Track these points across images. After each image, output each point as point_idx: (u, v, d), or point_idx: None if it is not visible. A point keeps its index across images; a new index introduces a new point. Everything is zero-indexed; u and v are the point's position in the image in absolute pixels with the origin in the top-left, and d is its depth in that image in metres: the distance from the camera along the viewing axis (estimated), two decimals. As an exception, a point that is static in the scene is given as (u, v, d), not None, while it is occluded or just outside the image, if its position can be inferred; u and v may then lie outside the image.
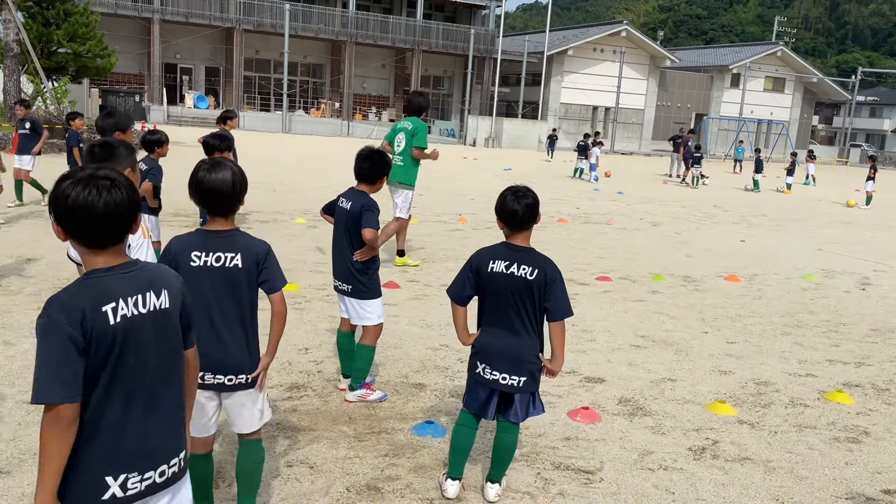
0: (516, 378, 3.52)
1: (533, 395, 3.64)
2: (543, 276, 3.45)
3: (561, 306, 3.48)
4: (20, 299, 6.58)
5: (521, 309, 3.48)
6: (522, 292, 3.46)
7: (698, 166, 25.03)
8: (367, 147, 4.76)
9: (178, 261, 2.96)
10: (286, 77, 42.42)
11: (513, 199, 3.51)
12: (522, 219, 3.51)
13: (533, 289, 3.45)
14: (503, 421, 3.65)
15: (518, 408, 3.60)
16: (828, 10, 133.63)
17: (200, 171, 2.99)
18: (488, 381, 3.56)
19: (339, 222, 4.70)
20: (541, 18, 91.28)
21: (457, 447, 3.69)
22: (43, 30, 24.07)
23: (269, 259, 3.03)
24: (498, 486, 3.72)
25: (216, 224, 3.02)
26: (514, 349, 3.52)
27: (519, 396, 3.59)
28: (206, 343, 2.88)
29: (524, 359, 3.52)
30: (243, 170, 3.13)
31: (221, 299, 2.97)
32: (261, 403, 3.18)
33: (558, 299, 3.47)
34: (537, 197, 3.59)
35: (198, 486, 2.88)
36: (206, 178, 2.95)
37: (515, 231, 3.55)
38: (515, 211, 3.50)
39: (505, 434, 3.65)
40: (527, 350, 3.53)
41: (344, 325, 4.92)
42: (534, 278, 3.45)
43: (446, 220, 13.22)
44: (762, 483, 4.11)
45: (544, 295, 3.46)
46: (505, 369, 3.52)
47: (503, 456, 3.68)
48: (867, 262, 11.72)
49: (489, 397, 3.60)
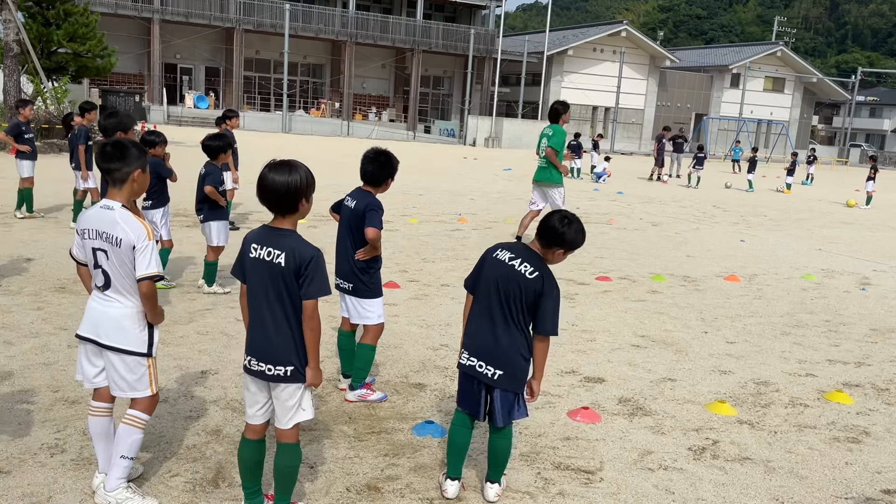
0: (491, 369, 3.52)
1: (517, 396, 3.60)
2: (541, 282, 3.46)
3: (547, 321, 3.47)
4: (20, 299, 6.58)
5: (509, 302, 3.49)
6: (514, 286, 3.48)
7: (700, 167, 25.02)
8: (373, 149, 4.71)
9: (244, 250, 3.21)
10: (286, 77, 42.42)
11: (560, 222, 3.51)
12: (545, 234, 3.53)
13: (524, 287, 3.46)
14: (496, 426, 3.64)
15: (499, 409, 3.56)
16: (828, 10, 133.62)
17: (265, 168, 3.14)
18: (466, 367, 3.59)
19: (344, 220, 4.71)
20: (541, 18, 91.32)
21: (453, 447, 3.70)
22: (43, 30, 24.07)
23: (312, 266, 3.09)
24: (497, 486, 3.72)
25: (275, 221, 3.19)
26: (494, 340, 3.53)
27: (500, 395, 3.55)
28: (257, 330, 3.19)
29: (503, 351, 3.51)
30: (310, 171, 3.20)
31: (269, 292, 3.15)
32: (298, 399, 3.24)
33: (547, 313, 3.46)
34: (579, 231, 3.54)
35: (246, 467, 3.30)
36: (266, 177, 3.11)
37: (545, 247, 3.56)
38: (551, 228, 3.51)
39: (496, 437, 3.65)
40: (506, 344, 3.51)
41: (344, 324, 4.93)
42: (532, 278, 3.46)
43: (446, 220, 13.22)
44: (762, 483, 4.11)
45: (535, 301, 3.46)
46: (482, 357, 3.54)
47: (498, 458, 3.68)
48: (867, 262, 11.72)
49: (478, 394, 3.60)
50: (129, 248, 3.24)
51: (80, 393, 4.62)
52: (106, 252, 3.27)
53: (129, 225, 3.25)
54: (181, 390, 4.82)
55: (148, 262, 3.25)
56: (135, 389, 3.40)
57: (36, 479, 3.61)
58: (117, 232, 3.24)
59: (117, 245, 3.24)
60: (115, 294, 3.32)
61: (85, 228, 3.32)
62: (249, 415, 3.31)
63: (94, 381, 3.47)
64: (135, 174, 3.34)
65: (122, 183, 3.33)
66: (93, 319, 3.37)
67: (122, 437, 3.39)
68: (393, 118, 48.96)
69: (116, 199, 3.33)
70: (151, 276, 3.27)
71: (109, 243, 3.25)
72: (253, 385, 3.26)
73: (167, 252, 7.31)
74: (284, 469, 3.31)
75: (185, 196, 11.40)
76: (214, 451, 4.01)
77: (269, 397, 3.27)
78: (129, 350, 3.35)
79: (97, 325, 3.35)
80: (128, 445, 3.39)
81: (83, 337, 3.40)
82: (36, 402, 4.47)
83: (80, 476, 3.66)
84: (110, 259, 3.27)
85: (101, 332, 3.34)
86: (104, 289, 3.33)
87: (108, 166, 3.31)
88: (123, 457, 3.38)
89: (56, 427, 4.17)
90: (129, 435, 3.39)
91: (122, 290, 3.32)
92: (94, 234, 3.29)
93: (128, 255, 3.25)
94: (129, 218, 3.27)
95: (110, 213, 3.28)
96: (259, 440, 3.34)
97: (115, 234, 3.24)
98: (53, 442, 4.00)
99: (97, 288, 3.37)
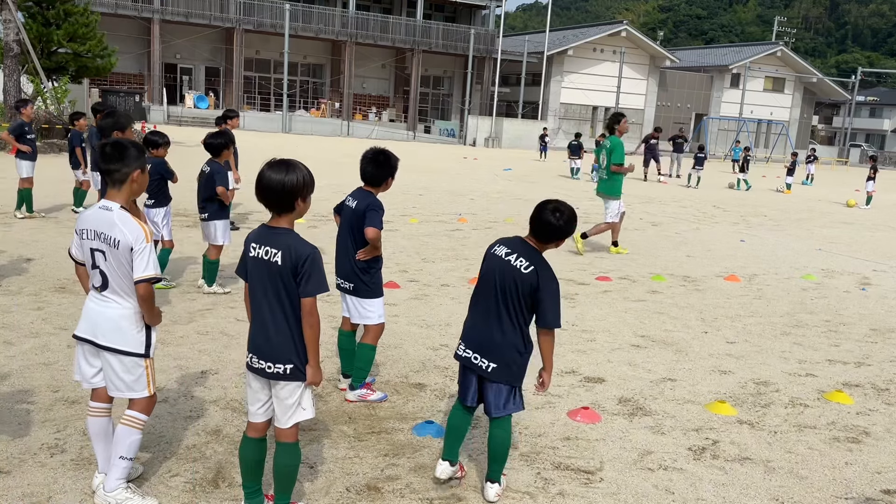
0: (486, 361, 3.58)
1: (514, 389, 3.64)
2: (536, 275, 3.49)
3: (547, 314, 3.50)
4: (20, 299, 6.58)
5: (506, 297, 3.54)
6: (510, 281, 3.53)
7: (699, 167, 25.02)
8: (371, 149, 4.70)
9: (245, 249, 3.25)
10: (286, 77, 42.41)
11: (550, 213, 3.55)
12: (539, 229, 3.58)
13: (520, 282, 3.50)
14: (490, 416, 3.70)
15: (492, 400, 3.61)
16: (828, 10, 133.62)
17: (264, 166, 3.16)
18: (462, 357, 3.66)
19: (345, 220, 4.72)
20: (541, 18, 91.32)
21: (450, 430, 3.77)
22: (43, 30, 24.05)
23: (309, 263, 3.11)
24: (497, 486, 3.73)
25: (273, 220, 3.21)
26: (489, 333, 3.58)
27: (493, 387, 3.60)
28: (257, 328, 3.22)
29: (498, 345, 3.57)
30: (309, 171, 3.22)
31: (268, 290, 3.18)
32: (297, 398, 3.25)
33: (546, 306, 3.50)
34: (571, 220, 3.57)
35: (246, 466, 3.31)
36: (265, 176, 3.13)
37: (532, 234, 3.63)
38: (545, 222, 3.54)
39: (492, 428, 3.69)
40: (502, 337, 3.56)
41: (345, 324, 4.93)
42: (526, 273, 3.50)
43: (446, 220, 13.22)
44: (762, 483, 4.11)
45: (534, 294, 3.50)
46: (477, 350, 3.61)
47: (496, 452, 3.69)
48: (867, 262, 11.72)
49: (470, 383, 3.68)
50: (126, 249, 3.24)
51: (79, 393, 4.62)
52: (104, 253, 3.27)
53: (128, 226, 3.26)
54: (181, 390, 4.82)
55: (146, 264, 3.26)
56: (132, 390, 3.40)
57: (36, 479, 3.62)
58: (115, 233, 3.25)
59: (115, 246, 3.25)
60: (112, 295, 3.33)
61: (83, 229, 3.33)
62: (251, 412, 3.32)
63: (93, 381, 3.47)
64: (134, 174, 3.35)
65: (121, 183, 3.34)
66: (90, 320, 3.37)
67: (121, 438, 3.39)
68: (393, 118, 48.95)
69: (115, 199, 3.34)
70: (149, 279, 3.28)
71: (107, 244, 3.26)
72: (255, 382, 3.28)
73: (168, 252, 7.30)
74: (284, 468, 3.32)
75: (184, 196, 11.40)
76: (214, 451, 4.01)
77: (271, 395, 3.28)
78: (126, 351, 3.35)
79: (95, 325, 3.35)
80: (126, 446, 3.39)
81: (80, 337, 3.40)
82: (36, 402, 4.48)
83: (80, 476, 3.66)
84: (108, 260, 3.28)
85: (99, 333, 3.34)
86: (102, 289, 3.33)
87: (107, 167, 3.32)
88: (122, 457, 3.39)
89: (56, 427, 4.17)
90: (127, 436, 3.40)
91: (119, 292, 3.32)
92: (93, 235, 3.29)
93: (125, 257, 3.25)
94: (127, 219, 3.28)
95: (108, 215, 3.29)
96: (260, 439, 3.35)
97: (112, 236, 3.25)
98: (53, 442, 4.00)
99: (94, 288, 3.37)
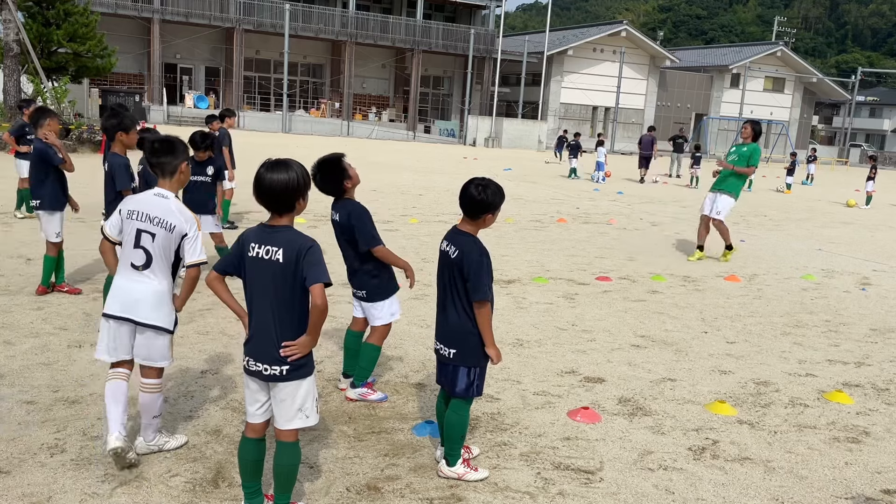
0: (447, 348, 3.80)
1: (473, 374, 3.77)
2: (461, 256, 3.66)
3: (472, 288, 3.64)
4: (20, 299, 6.58)
5: (448, 285, 3.75)
6: (447, 270, 3.74)
7: (698, 166, 25.03)
8: (314, 164, 4.34)
9: (243, 249, 3.25)
10: (286, 77, 42.42)
11: (471, 187, 3.72)
12: (467, 207, 3.72)
13: (452, 268, 3.70)
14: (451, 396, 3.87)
15: (451, 381, 3.80)
16: (828, 10, 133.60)
17: (261, 168, 3.19)
18: (435, 349, 3.88)
19: (338, 237, 4.68)
20: (541, 18, 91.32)
21: (437, 416, 4.05)
22: (43, 30, 24.07)
23: (311, 254, 3.15)
24: (449, 469, 3.86)
25: (272, 220, 3.23)
26: (446, 322, 3.79)
27: (453, 370, 3.80)
28: (254, 330, 3.23)
29: (452, 331, 3.76)
30: (305, 169, 3.27)
31: (268, 290, 3.19)
32: (301, 402, 3.26)
33: (471, 280, 3.64)
34: (496, 192, 3.70)
35: (245, 466, 3.33)
36: (263, 177, 3.16)
37: (465, 217, 3.78)
38: (469, 197, 3.70)
39: (451, 412, 3.85)
40: (455, 323, 3.74)
41: (356, 324, 4.95)
42: (454, 258, 3.69)
43: (446, 220, 13.21)
44: (762, 483, 4.11)
45: (464, 273, 3.65)
46: (440, 339, 3.84)
47: (449, 432, 3.85)
48: (867, 262, 11.72)
49: (443, 371, 3.89)
50: (179, 235, 3.66)
51: (79, 393, 4.62)
52: (153, 235, 3.63)
53: (184, 215, 3.69)
54: (181, 390, 4.82)
55: (198, 250, 3.70)
56: (164, 359, 3.82)
57: (36, 479, 3.61)
58: (173, 219, 3.64)
59: (170, 230, 3.63)
60: (152, 274, 3.67)
61: (134, 210, 3.65)
62: (250, 413, 3.33)
63: (119, 355, 3.76)
64: (182, 166, 3.79)
65: (172, 175, 3.76)
66: (126, 297, 3.67)
67: (151, 404, 3.81)
68: (393, 118, 48.96)
69: (169, 188, 3.75)
70: (199, 263, 3.71)
71: (162, 228, 3.63)
72: (253, 384, 3.29)
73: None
74: (284, 468, 3.33)
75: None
76: (214, 451, 4.01)
77: (269, 396, 3.28)
78: (161, 327, 3.72)
79: (134, 302, 3.66)
80: (157, 408, 3.85)
81: (115, 316, 3.68)
82: (36, 402, 4.47)
83: (80, 476, 3.66)
84: (156, 242, 3.64)
85: (138, 309, 3.67)
86: (143, 268, 3.65)
87: (159, 160, 3.71)
88: (155, 416, 3.86)
89: (56, 427, 4.17)
90: (155, 400, 3.84)
91: (158, 271, 3.68)
92: (145, 217, 3.63)
93: (175, 241, 3.67)
94: (184, 209, 3.71)
95: (165, 202, 3.67)
96: (259, 439, 3.35)
97: (170, 221, 3.63)
98: (53, 442, 4.00)
99: (133, 267, 3.66)
